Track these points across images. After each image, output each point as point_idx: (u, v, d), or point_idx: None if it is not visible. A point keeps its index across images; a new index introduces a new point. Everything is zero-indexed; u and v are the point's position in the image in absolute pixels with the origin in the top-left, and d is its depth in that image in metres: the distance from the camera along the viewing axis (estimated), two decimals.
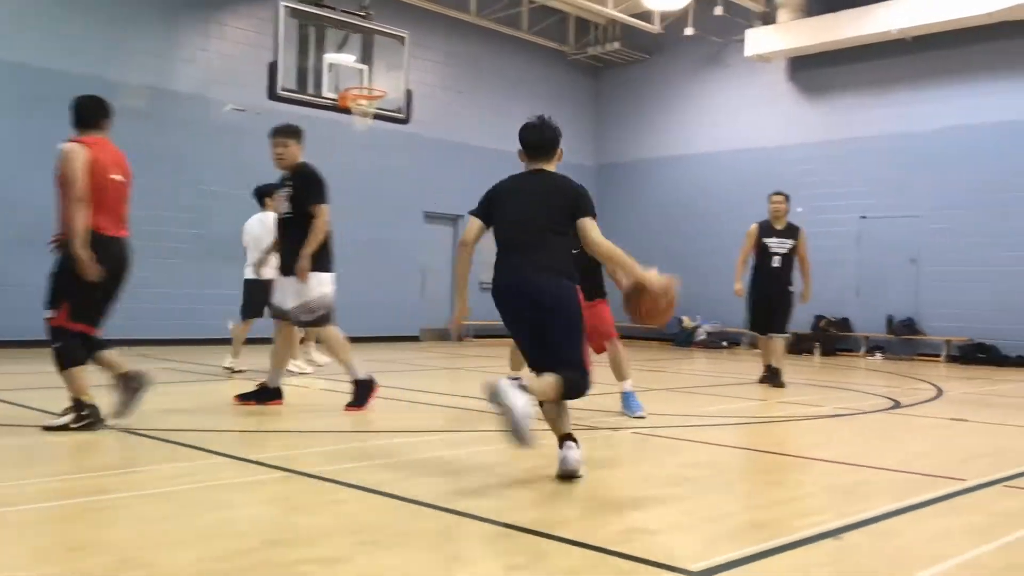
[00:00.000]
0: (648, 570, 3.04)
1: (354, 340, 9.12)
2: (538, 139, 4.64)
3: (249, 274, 8.89)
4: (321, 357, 9.86)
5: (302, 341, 9.58)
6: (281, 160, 6.75)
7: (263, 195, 9.15)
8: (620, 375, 6.80)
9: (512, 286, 4.46)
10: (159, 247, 12.76)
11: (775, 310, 9.30)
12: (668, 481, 4.52)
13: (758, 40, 16.39)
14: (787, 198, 9.52)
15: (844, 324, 15.85)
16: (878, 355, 15.27)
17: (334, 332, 6.77)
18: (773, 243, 9.33)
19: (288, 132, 6.80)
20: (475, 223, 4.64)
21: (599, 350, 6.66)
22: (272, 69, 11.36)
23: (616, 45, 18.48)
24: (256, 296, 8.65)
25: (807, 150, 16.56)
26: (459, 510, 3.77)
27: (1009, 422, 7.25)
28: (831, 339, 15.64)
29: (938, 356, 14.66)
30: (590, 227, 4.44)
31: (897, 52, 15.42)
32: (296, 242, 6.59)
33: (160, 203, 12.82)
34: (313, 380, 8.94)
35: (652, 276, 4.46)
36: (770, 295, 9.29)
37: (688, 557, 3.17)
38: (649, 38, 18.12)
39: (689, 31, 16.83)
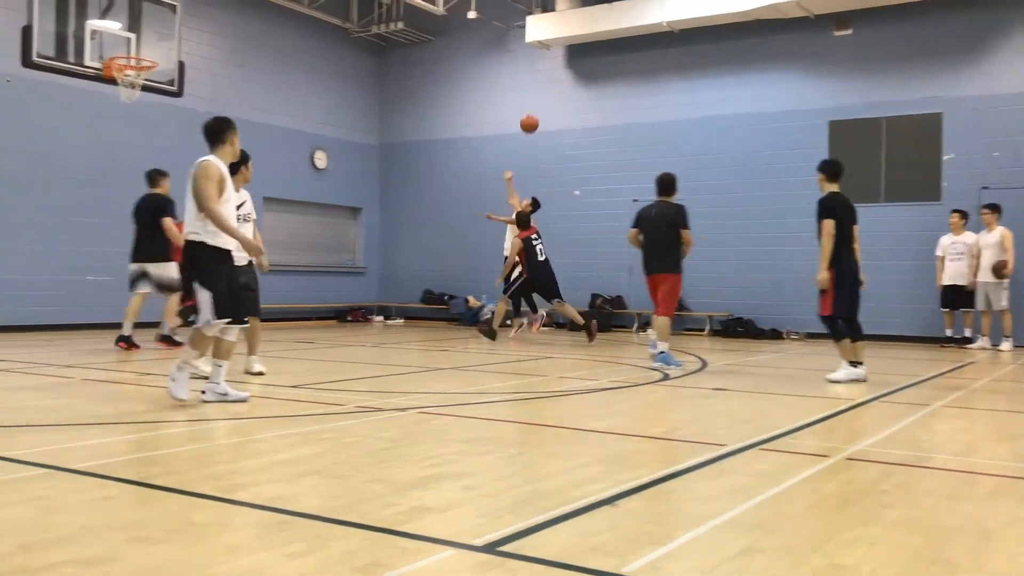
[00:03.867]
0: (432, 547, 3.06)
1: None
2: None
3: None
4: None
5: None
6: None
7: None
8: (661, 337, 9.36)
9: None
10: None
11: None
12: (452, 458, 4.58)
13: (538, 27, 16.78)
14: None
15: (618, 302, 16.62)
16: (649, 331, 16.13)
17: None
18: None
19: None
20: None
21: None
22: (26, 33, 10.50)
23: (400, 25, 18.34)
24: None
25: (584, 135, 17.18)
26: (235, 499, 3.64)
27: (763, 390, 7.86)
28: (606, 316, 16.36)
29: (703, 330, 15.69)
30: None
31: (666, 44, 16.27)
32: None
33: None
34: (75, 370, 8.35)
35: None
36: None
37: (471, 532, 3.22)
38: (433, 19, 18.13)
39: (472, 14, 16.98)
